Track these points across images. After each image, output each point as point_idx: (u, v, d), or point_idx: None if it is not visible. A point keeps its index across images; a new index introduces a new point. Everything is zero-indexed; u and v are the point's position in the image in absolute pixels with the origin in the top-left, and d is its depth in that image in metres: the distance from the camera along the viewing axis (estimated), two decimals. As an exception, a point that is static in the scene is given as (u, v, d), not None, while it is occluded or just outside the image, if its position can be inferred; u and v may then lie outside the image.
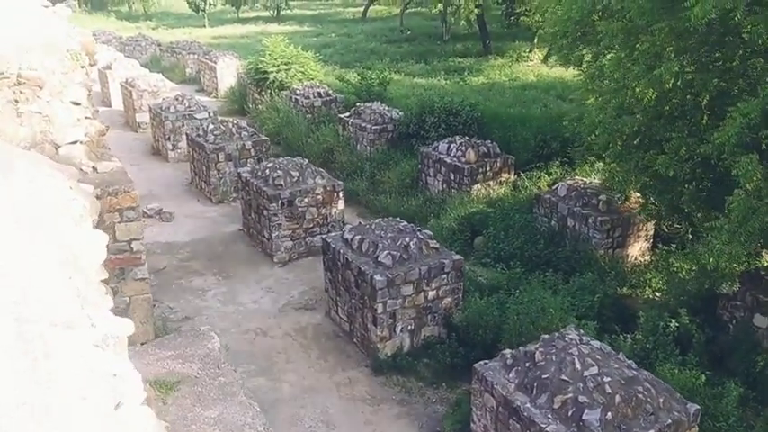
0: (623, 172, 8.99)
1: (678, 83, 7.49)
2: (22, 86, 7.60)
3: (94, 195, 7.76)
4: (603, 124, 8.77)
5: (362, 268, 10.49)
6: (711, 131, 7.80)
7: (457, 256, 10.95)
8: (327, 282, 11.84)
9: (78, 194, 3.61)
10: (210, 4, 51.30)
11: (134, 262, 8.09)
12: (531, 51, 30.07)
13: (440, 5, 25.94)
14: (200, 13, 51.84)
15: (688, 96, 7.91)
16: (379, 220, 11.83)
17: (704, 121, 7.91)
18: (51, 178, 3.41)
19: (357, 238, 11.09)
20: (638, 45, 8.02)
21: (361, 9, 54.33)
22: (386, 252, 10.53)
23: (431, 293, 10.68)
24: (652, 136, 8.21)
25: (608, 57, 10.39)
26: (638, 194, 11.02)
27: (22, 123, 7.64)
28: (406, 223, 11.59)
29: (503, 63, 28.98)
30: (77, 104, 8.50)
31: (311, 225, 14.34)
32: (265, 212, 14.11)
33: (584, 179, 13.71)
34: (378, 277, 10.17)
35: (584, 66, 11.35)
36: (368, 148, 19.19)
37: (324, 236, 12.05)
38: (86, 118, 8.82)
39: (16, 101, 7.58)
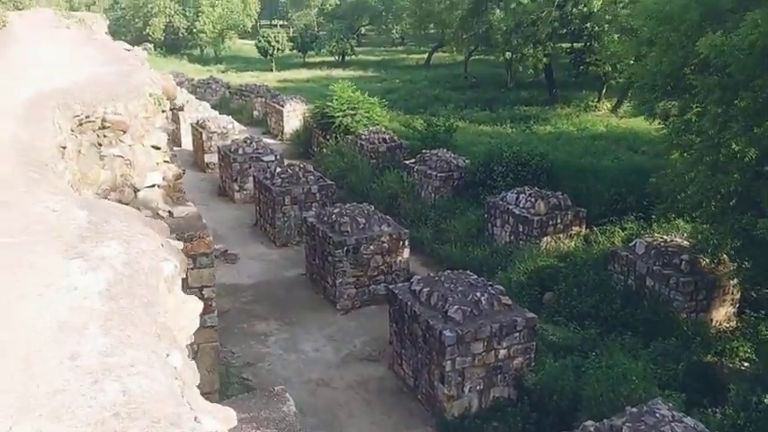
0: (717, 234, 8.41)
1: (783, 142, 6.98)
2: (106, 130, 7.69)
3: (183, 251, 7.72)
4: (697, 182, 8.26)
5: (431, 322, 10.12)
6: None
7: (530, 314, 10.46)
8: (392, 333, 11.49)
9: (169, 253, 3.43)
10: (278, 49, 52.76)
11: (205, 309, 7.94)
12: (599, 101, 29.52)
13: (507, 54, 25.85)
14: (268, 57, 53.37)
15: (791, 156, 7.38)
16: (448, 272, 11.47)
17: (810, 184, 7.35)
18: (145, 239, 3.24)
19: (426, 290, 10.75)
20: (736, 101, 7.56)
21: (425, 56, 54.97)
22: (456, 307, 10.13)
23: (502, 352, 10.20)
24: (751, 197, 7.67)
25: (695, 110, 9.92)
26: (727, 257, 10.32)
27: (104, 166, 7.70)
28: (476, 277, 11.20)
29: (570, 112, 28.50)
30: (157, 148, 8.57)
31: (375, 273, 14.08)
32: (330, 258, 13.94)
33: (664, 236, 13.04)
34: (447, 333, 9.77)
35: (671, 119, 10.86)
36: (433, 195, 18.95)
37: (390, 285, 11.76)
38: (165, 162, 8.88)
39: (99, 144, 7.66)
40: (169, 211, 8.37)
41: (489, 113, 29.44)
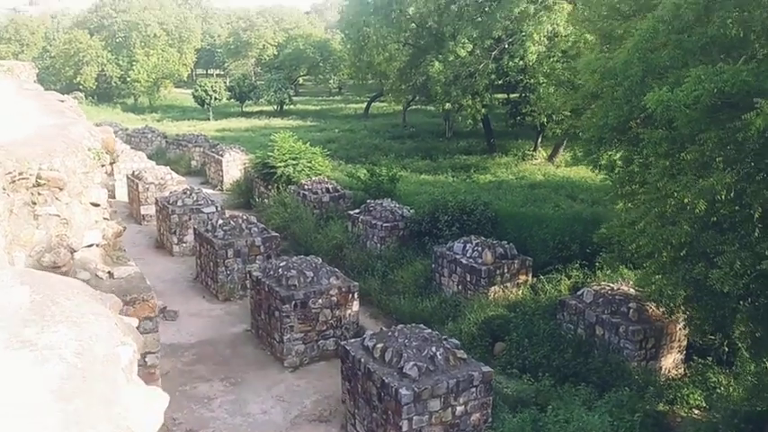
0: (670, 284, 8.52)
1: (730, 194, 7.16)
2: (41, 188, 7.17)
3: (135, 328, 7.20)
4: (648, 233, 8.39)
5: (386, 380, 9.78)
6: (765, 245, 7.41)
7: (486, 368, 10.28)
8: (345, 392, 11.06)
9: (125, 333, 3.07)
10: (216, 99, 52.34)
11: (148, 378, 7.39)
12: (535, 150, 30.37)
13: (446, 104, 26.36)
14: (205, 106, 52.83)
15: (737, 208, 7.58)
16: (401, 326, 11.21)
17: (756, 234, 7.54)
18: (97, 320, 2.88)
19: (379, 345, 10.43)
20: (682, 154, 7.76)
21: (363, 105, 55.63)
22: (411, 363, 9.85)
23: (459, 409, 9.93)
24: (701, 247, 7.82)
25: (638, 161, 10.17)
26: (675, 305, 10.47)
27: (39, 226, 7.16)
28: (429, 330, 10.97)
29: (508, 161, 29.18)
30: (96, 205, 8.08)
31: (324, 327, 13.67)
32: (277, 313, 13.46)
33: (611, 284, 13.21)
34: (404, 391, 9.46)
35: (616, 170, 11.10)
36: (379, 245, 18.77)
37: (339, 340, 11.37)
38: (104, 219, 8.38)
39: (33, 203, 7.13)
40: (109, 272, 7.84)
41: (430, 162, 29.81)
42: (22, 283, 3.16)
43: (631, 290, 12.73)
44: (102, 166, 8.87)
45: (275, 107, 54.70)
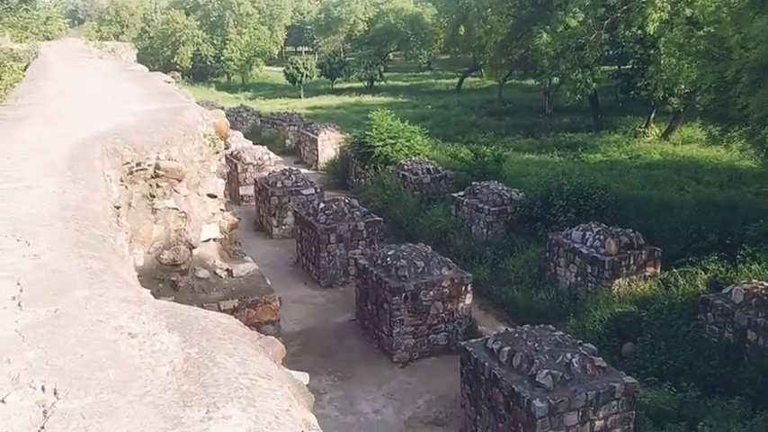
0: None
1: None
2: (159, 179, 6.63)
3: (246, 320, 6.60)
4: None
5: (516, 389, 8.85)
6: None
7: (629, 379, 9.15)
8: (465, 396, 10.22)
9: (301, 403, 2.30)
10: (307, 76, 52.28)
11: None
12: (647, 126, 28.22)
13: (555, 79, 24.73)
14: (296, 83, 52.91)
15: None
16: (528, 327, 10.19)
17: None
18: (271, 393, 2.10)
19: (506, 349, 9.49)
20: None
21: (454, 81, 54.13)
22: (545, 371, 8.86)
23: (598, 423, 8.88)
24: None
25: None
26: None
27: (157, 221, 6.63)
28: (561, 333, 9.92)
29: (618, 139, 27.23)
30: (213, 197, 7.50)
31: (435, 321, 12.85)
32: (386, 305, 12.75)
33: (765, 283, 11.65)
34: (538, 403, 8.50)
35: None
36: (485, 231, 17.72)
37: (463, 343, 10.50)
38: (221, 210, 7.81)
39: (152, 195, 6.60)
40: (227, 270, 7.28)
41: (532, 140, 28.32)
42: (169, 329, 2.43)
43: (791, 291, 11.15)
44: (217, 153, 8.30)
45: (365, 84, 54.10)
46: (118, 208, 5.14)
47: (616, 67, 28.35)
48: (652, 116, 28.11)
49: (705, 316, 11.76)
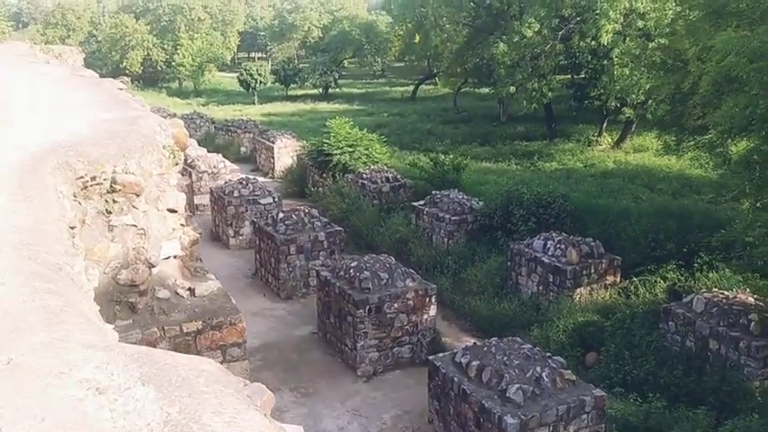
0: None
1: None
2: (116, 194, 6.23)
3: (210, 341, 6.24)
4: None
5: (487, 405, 8.70)
6: None
7: (598, 392, 9.11)
8: (433, 412, 10.04)
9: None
10: (261, 82, 51.57)
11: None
12: (599, 135, 28.69)
13: (511, 88, 24.90)
14: (250, 90, 52.13)
15: None
16: (496, 339, 10.09)
17: None
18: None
19: (475, 363, 9.34)
20: None
21: (408, 88, 54.21)
22: (516, 386, 8.74)
23: (568, 438, 8.79)
24: None
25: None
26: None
27: (114, 239, 6.22)
28: (530, 346, 9.84)
29: (572, 147, 27.60)
30: (174, 212, 7.11)
31: (400, 334, 12.64)
32: (349, 318, 12.48)
33: (725, 292, 11.83)
34: (509, 419, 8.36)
35: (738, 165, 9.74)
36: (446, 240, 17.63)
37: (431, 357, 10.30)
38: (181, 225, 7.42)
39: (108, 212, 6.19)
40: (189, 289, 6.90)
41: (489, 149, 28.44)
42: (143, 381, 2.13)
43: (751, 299, 11.34)
44: (176, 165, 7.91)
45: (320, 91, 53.69)
46: (73, 228, 4.76)
47: (569, 76, 28.74)
48: (604, 125, 28.61)
49: (667, 325, 11.88)
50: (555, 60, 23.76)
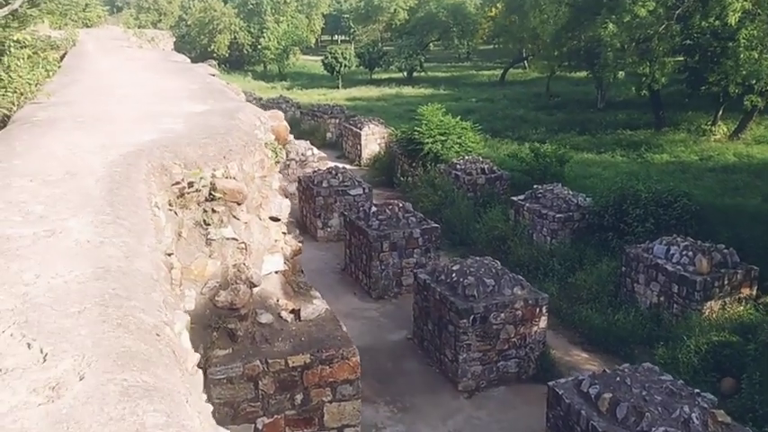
0: None
1: None
2: (215, 202, 5.36)
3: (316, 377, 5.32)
4: None
5: (624, 448, 7.45)
6: None
7: (758, 439, 7.68)
8: (553, 445, 8.85)
9: None
10: (345, 66, 50.93)
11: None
12: (713, 124, 26.22)
13: (621, 73, 22.94)
14: (334, 73, 51.60)
15: None
16: (629, 367, 8.79)
17: None
18: None
19: (607, 396, 8.08)
20: None
21: (496, 72, 52.28)
22: (662, 429, 7.43)
23: (721, 492, 7.44)
24: None
25: None
26: None
27: (212, 254, 5.36)
28: (671, 378, 8.47)
29: (684, 137, 25.32)
30: (276, 220, 6.21)
31: (506, 347, 11.47)
32: (450, 327, 11.41)
33: None
34: (654, 469, 7.09)
35: None
36: (548, 239, 16.26)
37: (551, 383, 9.10)
38: (282, 234, 6.52)
39: (206, 223, 5.33)
40: (293, 311, 5.99)
41: (589, 138, 26.57)
42: None
43: None
44: (278, 164, 7.01)
45: (404, 74, 52.54)
46: (170, 255, 3.89)
47: (683, 59, 26.31)
48: (719, 113, 26.13)
49: (826, 353, 10.18)
50: (670, 42, 21.62)
